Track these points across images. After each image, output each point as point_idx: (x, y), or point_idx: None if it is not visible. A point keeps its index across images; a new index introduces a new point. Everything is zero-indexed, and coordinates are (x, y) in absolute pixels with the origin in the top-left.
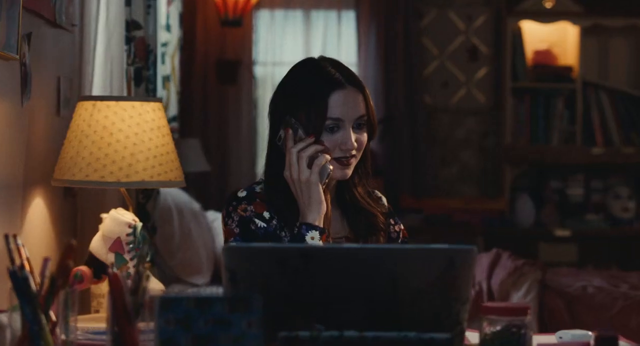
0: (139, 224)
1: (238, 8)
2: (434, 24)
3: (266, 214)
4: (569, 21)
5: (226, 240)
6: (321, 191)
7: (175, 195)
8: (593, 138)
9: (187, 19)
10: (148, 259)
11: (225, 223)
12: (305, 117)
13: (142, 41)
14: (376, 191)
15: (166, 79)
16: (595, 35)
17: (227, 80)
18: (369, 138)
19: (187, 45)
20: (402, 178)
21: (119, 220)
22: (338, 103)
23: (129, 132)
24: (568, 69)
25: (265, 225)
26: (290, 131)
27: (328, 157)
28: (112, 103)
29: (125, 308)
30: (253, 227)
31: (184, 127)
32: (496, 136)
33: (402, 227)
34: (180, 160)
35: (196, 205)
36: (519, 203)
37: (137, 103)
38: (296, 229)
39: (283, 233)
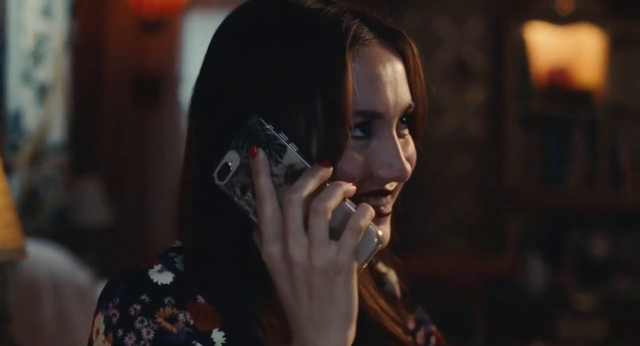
0: None
1: (160, 8)
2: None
3: (217, 335)
4: (591, 24)
5: None
6: (356, 289)
7: (50, 262)
8: (621, 177)
9: (87, 10)
10: None
11: (116, 340)
12: (305, 117)
13: None
14: (386, 273)
15: (44, 89)
16: (624, 46)
17: (145, 100)
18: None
19: (85, 47)
20: None
21: None
22: (372, 80)
23: None
24: (589, 90)
25: None
26: (261, 154)
27: (372, 210)
28: None
29: None
30: None
31: (78, 160)
32: (497, 176)
33: (433, 328)
34: (72, 207)
35: (82, 278)
36: (528, 263)
37: None
38: None
39: None
